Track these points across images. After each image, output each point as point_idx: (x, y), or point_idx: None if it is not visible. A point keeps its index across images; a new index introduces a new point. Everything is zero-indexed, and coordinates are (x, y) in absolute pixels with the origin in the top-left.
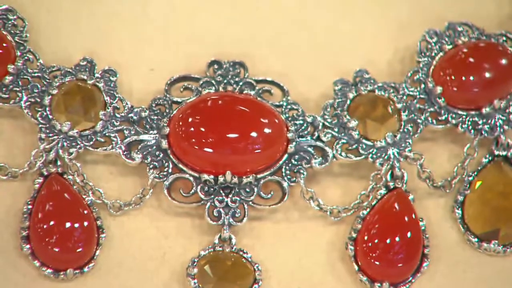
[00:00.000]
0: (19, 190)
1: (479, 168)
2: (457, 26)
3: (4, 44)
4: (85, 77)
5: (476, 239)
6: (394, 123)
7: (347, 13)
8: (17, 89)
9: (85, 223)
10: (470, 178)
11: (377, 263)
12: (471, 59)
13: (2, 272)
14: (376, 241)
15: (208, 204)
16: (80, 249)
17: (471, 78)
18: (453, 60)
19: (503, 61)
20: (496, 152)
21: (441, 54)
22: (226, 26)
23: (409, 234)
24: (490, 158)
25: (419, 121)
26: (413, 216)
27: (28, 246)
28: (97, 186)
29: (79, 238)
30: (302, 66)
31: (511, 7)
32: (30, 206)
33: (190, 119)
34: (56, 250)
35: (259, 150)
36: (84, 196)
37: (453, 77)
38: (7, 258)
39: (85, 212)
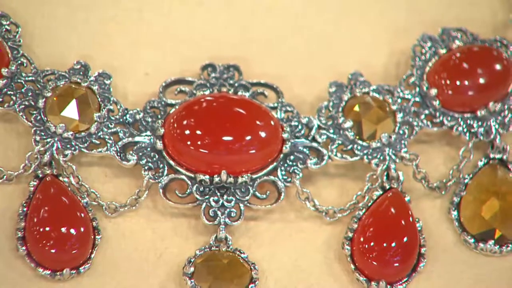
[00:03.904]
0: (15, 192)
1: (475, 170)
2: (452, 31)
3: None
4: (79, 80)
5: (472, 240)
6: (389, 124)
7: (343, 16)
8: (11, 92)
9: (82, 229)
10: (466, 180)
11: (374, 263)
12: (465, 64)
13: None
14: (372, 243)
15: (204, 204)
16: (75, 251)
17: (466, 82)
18: (448, 64)
19: (497, 66)
20: (492, 155)
21: (436, 58)
22: (222, 29)
23: (405, 239)
24: (485, 161)
25: (414, 123)
26: (410, 219)
27: (24, 247)
28: (92, 188)
29: (75, 241)
30: (298, 69)
31: (505, 14)
32: (25, 209)
33: (185, 121)
34: (53, 251)
35: (253, 151)
36: (79, 198)
37: (448, 81)
38: (3, 260)
39: (82, 215)
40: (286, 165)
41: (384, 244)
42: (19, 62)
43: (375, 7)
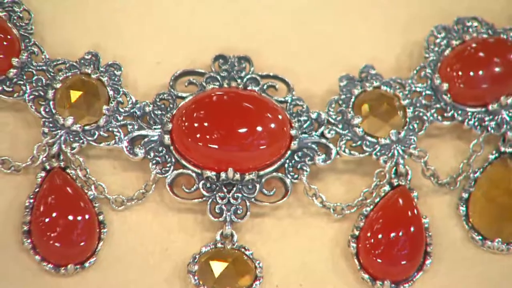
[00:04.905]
0: (22, 184)
1: (485, 165)
2: (466, 21)
3: (9, 37)
4: (89, 71)
5: (480, 237)
6: (399, 120)
7: (354, 8)
8: (21, 82)
9: (87, 216)
10: (476, 175)
11: (379, 260)
12: (481, 54)
13: (3, 266)
14: (379, 236)
15: (210, 200)
16: (82, 243)
17: (480, 72)
18: (461, 55)
19: None
20: (503, 149)
21: (448, 50)
22: (233, 21)
23: (412, 229)
24: (496, 154)
25: (424, 117)
26: (415, 211)
27: (29, 240)
28: (100, 180)
29: (81, 231)
30: (308, 62)
31: None
32: (32, 200)
33: (194, 114)
34: (58, 245)
35: (264, 146)
36: (86, 191)
37: (460, 73)
38: (8, 252)
39: (86, 206)
40: (293, 161)
41: (392, 235)
42: (30, 51)
43: None
